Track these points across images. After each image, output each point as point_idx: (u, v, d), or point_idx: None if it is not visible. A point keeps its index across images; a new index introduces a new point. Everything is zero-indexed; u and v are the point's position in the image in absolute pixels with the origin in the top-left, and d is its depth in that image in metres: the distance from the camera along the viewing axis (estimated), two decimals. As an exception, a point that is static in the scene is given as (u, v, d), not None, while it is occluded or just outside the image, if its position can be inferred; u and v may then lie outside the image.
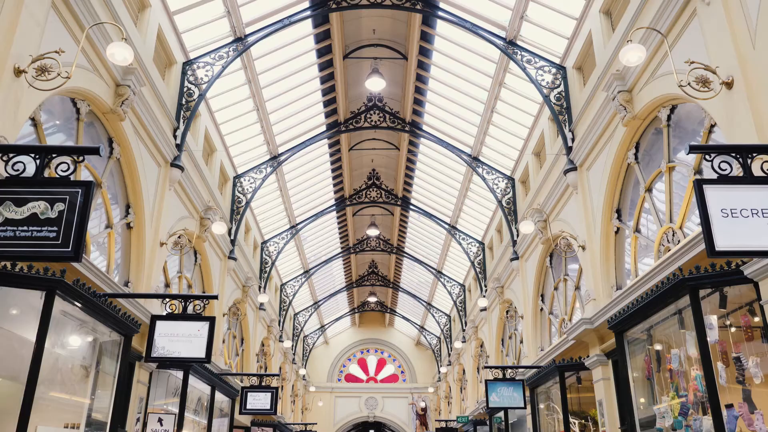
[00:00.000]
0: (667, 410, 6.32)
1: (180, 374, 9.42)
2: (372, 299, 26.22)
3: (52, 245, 3.56)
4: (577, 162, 9.75)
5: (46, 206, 3.64)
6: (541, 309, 12.44)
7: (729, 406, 5.29)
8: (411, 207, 18.53)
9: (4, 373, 6.74)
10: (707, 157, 4.18)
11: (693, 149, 4.23)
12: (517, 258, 13.38)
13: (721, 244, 3.65)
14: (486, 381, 11.41)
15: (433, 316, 24.29)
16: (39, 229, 3.60)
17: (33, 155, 3.92)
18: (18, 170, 3.81)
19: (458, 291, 20.58)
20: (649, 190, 7.99)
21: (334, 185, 18.23)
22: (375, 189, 18.25)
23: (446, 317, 23.80)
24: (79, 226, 3.63)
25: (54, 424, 7.65)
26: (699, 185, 3.81)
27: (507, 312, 15.07)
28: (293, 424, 21.05)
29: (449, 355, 23.25)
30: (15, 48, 5.48)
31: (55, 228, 3.59)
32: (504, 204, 13.79)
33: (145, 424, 8.83)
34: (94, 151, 4.02)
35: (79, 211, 3.65)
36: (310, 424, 21.83)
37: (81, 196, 3.70)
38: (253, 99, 12.69)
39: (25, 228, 3.61)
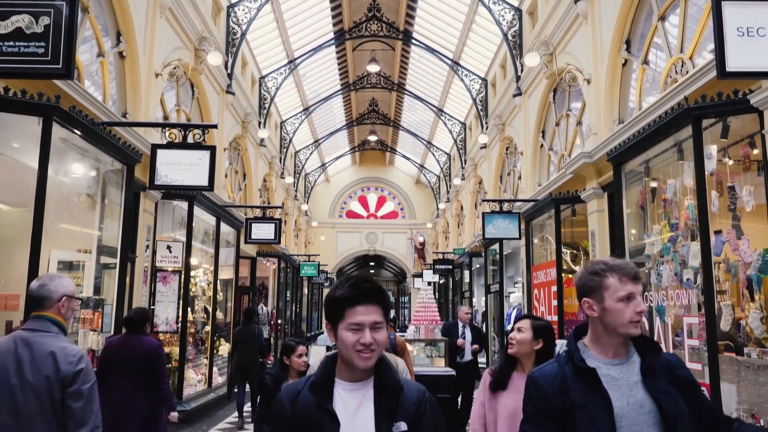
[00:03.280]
0: (657, 239, 6.55)
1: (185, 205, 9.65)
2: (372, 138, 26.20)
3: (41, 61, 3.45)
4: (590, -11, 9.22)
5: (31, 20, 3.47)
6: (542, 145, 12.46)
7: (717, 232, 5.48)
8: (413, 42, 17.86)
9: (13, 201, 6.93)
10: (729, -28, 3.91)
11: (715, -37, 3.95)
12: (520, 94, 13.14)
13: (733, 64, 3.52)
14: (483, 213, 11.74)
15: (433, 155, 24.43)
16: (26, 44, 3.47)
17: (10, -35, 3.67)
18: (-5, -19, 3.59)
19: (459, 129, 20.50)
20: (662, 18, 7.64)
21: (333, 17, 17.42)
22: (375, 22, 17.44)
23: (446, 156, 23.95)
24: (67, 41, 3.48)
25: (67, 250, 7.99)
26: (717, 1, 3.60)
27: (507, 149, 15.11)
28: (297, 255, 22.02)
29: (448, 192, 23.72)
30: None
31: (42, 43, 3.45)
32: (510, 37, 13.26)
33: (154, 252, 9.22)
34: (74, -40, 3.75)
35: (65, 26, 3.49)
36: (313, 255, 22.83)
37: (66, 8, 3.51)
38: None
39: (12, 43, 3.47)
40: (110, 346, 5.34)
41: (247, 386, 9.24)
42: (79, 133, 5.92)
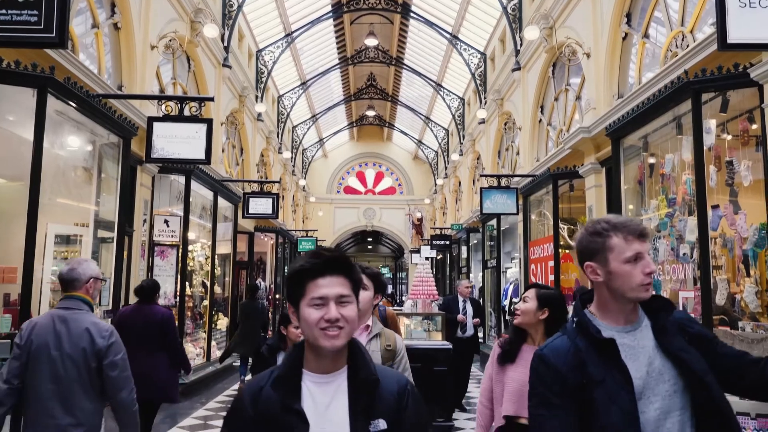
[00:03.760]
0: (655, 214, 6.56)
1: (182, 179, 9.62)
2: (370, 113, 26.06)
3: (34, 30, 3.40)
4: (591, -39, 9.10)
5: (23, -12, 3.42)
6: (540, 120, 12.40)
7: (715, 207, 5.49)
8: (411, 15, 17.66)
9: (9, 174, 6.90)
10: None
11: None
12: (519, 68, 13.04)
13: (735, 36, 3.48)
14: (481, 189, 11.73)
15: (431, 130, 24.33)
16: (18, 12, 3.41)
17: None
18: (-14, -53, 3.53)
19: (457, 104, 20.39)
20: (663, -9, 7.56)
21: (331, -11, 17.21)
22: (374, -6, 17.24)
23: (444, 131, 23.85)
24: (60, 9, 3.42)
25: (64, 224, 7.98)
26: (719, -29, 3.56)
27: (505, 124, 15.05)
28: (295, 230, 22.03)
29: (446, 168, 23.67)
30: None
31: (35, 11, 3.39)
32: (509, 11, 13.12)
33: (151, 226, 9.22)
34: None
35: (58, -6, 3.44)
36: (311, 230, 22.84)
37: (58, -24, 3.46)
38: None
39: (3, 11, 3.41)
40: (123, 316, 5.57)
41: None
42: (74, 105, 5.87)
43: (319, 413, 1.54)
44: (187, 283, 10.05)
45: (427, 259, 21.71)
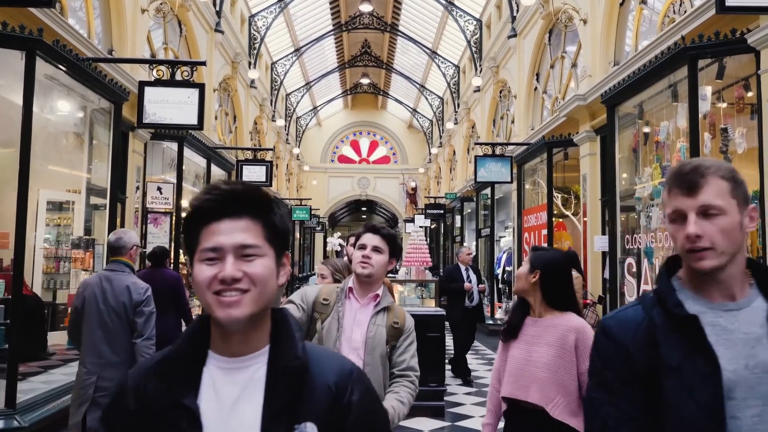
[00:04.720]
0: (648, 181, 6.57)
1: (175, 146, 9.55)
2: (365, 81, 25.79)
3: (20, -12, 3.32)
4: (589, -76, 8.94)
5: (8, -55, 3.33)
6: (536, 88, 12.32)
7: (708, 174, 5.48)
8: (407, -20, 17.38)
9: (1, 140, 6.84)
10: None
11: None
12: (515, 35, 12.91)
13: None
14: (475, 156, 11.70)
15: (426, 99, 24.14)
16: (4, -30, 3.34)
17: None
18: None
19: (452, 72, 20.21)
20: (662, -45, 7.45)
21: (325, -46, 16.86)
22: (368, -41, 16.92)
23: (439, 100, 23.68)
24: (47, -33, 3.35)
25: (56, 190, 7.95)
26: (720, -67, 3.50)
27: (500, 92, 14.95)
28: (289, 199, 21.97)
29: (440, 136, 23.56)
30: None
31: (21, -30, 3.32)
32: (506, -24, 12.92)
33: (144, 193, 9.17)
34: None
35: (44, -48, 3.35)
36: (304, 199, 22.80)
37: (44, -67, 3.37)
38: None
39: (-11, -31, 3.34)
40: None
41: None
42: (64, 69, 5.78)
43: (222, 411, 1.09)
44: (181, 251, 10.05)
45: (421, 227, 21.74)
